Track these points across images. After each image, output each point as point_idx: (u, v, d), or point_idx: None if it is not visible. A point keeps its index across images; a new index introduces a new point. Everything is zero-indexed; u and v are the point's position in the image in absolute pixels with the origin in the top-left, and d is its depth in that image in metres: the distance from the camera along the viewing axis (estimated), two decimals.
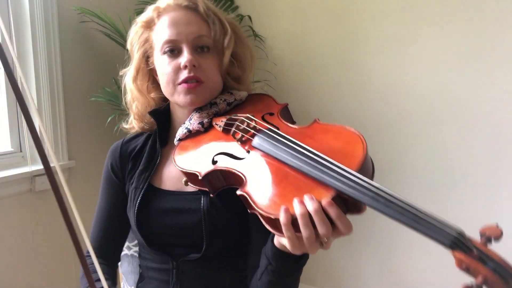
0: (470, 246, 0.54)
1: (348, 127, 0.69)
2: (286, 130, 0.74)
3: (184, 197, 0.88)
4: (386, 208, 0.55)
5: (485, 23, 1.90)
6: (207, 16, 0.86)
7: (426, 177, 2.11)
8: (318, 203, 0.58)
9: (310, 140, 0.68)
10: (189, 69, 0.83)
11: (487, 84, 1.94)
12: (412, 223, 0.54)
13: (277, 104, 0.85)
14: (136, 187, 0.92)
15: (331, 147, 0.66)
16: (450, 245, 0.54)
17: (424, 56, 2.04)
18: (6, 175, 1.61)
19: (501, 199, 1.96)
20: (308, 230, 0.58)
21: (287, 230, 0.59)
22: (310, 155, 0.64)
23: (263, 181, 0.66)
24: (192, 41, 0.85)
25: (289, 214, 0.59)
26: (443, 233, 0.55)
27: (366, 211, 0.60)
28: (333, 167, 0.60)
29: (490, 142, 1.96)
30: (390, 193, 0.56)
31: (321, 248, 0.63)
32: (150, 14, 0.89)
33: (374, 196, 0.56)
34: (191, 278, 0.89)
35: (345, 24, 2.20)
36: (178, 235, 0.88)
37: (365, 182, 0.57)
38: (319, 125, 0.73)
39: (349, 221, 0.59)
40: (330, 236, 0.59)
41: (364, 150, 0.63)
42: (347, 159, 0.62)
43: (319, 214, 0.57)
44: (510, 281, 0.50)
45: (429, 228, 0.55)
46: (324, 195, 0.59)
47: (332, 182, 0.59)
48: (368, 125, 2.21)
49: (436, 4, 1.99)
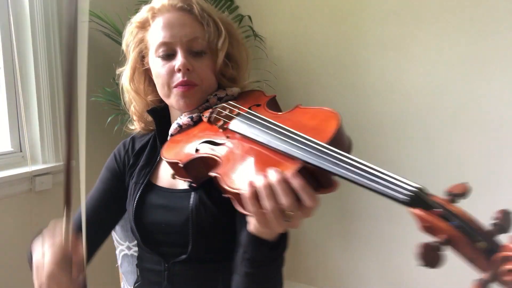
0: (431, 203, 0.51)
1: (327, 108, 0.70)
2: (267, 115, 0.75)
3: (174, 194, 0.89)
4: (345, 172, 0.55)
5: (485, 23, 1.90)
6: (201, 18, 0.87)
7: (426, 177, 2.11)
8: (281, 174, 0.58)
9: (287, 122, 0.70)
10: (183, 72, 0.83)
11: (487, 84, 1.94)
12: (369, 183, 0.54)
13: (266, 97, 0.86)
14: (136, 182, 0.94)
15: (306, 125, 0.67)
16: (409, 202, 0.52)
17: (424, 56, 2.04)
18: (6, 175, 1.61)
19: (501, 199, 1.96)
20: (271, 202, 0.58)
21: (252, 204, 0.59)
22: (280, 131, 0.65)
23: (236, 161, 0.67)
24: (186, 43, 0.85)
25: (253, 186, 0.59)
26: (401, 189, 0.53)
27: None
28: (301, 139, 0.61)
29: (490, 142, 1.96)
30: (350, 156, 0.57)
31: (289, 226, 0.61)
32: (144, 15, 0.89)
33: (334, 162, 0.56)
34: (183, 281, 0.89)
35: (345, 24, 2.20)
36: (167, 232, 0.88)
37: (327, 149, 0.58)
38: (300, 109, 0.74)
39: (314, 193, 0.58)
40: (294, 209, 0.58)
41: (337, 125, 0.63)
42: (319, 134, 0.62)
43: (281, 184, 0.57)
44: (476, 238, 0.47)
45: (386, 186, 0.54)
46: (290, 167, 0.59)
47: (297, 153, 0.60)
48: (368, 124, 2.21)
49: (436, 4, 1.99)
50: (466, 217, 0.49)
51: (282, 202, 0.58)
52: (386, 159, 2.19)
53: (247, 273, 0.71)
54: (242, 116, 0.73)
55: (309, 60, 2.31)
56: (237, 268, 0.74)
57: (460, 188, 0.53)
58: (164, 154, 0.79)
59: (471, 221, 0.49)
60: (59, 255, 0.70)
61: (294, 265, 2.47)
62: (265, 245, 0.69)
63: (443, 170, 2.07)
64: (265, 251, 0.69)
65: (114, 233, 1.24)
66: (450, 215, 0.49)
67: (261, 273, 0.72)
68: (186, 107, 0.87)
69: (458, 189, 0.53)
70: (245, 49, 0.95)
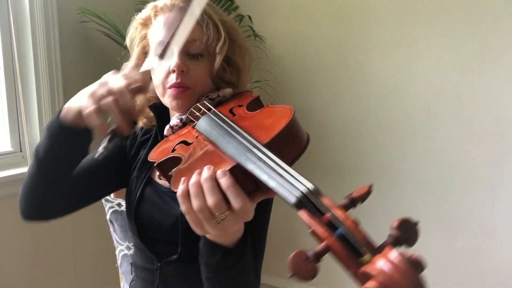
0: (319, 206, 0.47)
1: (288, 106, 0.66)
2: (239, 116, 0.75)
3: (168, 194, 0.90)
4: (253, 166, 0.54)
5: (485, 23, 1.90)
6: (201, 20, 0.86)
7: (426, 177, 2.11)
8: (211, 172, 0.56)
9: (248, 121, 0.69)
10: (177, 74, 0.83)
11: (487, 84, 1.94)
12: (268, 179, 0.52)
13: (251, 97, 0.85)
14: (137, 176, 0.94)
15: (260, 124, 0.66)
16: (295, 203, 0.49)
17: (424, 56, 2.04)
18: (6, 175, 1.61)
19: (501, 199, 1.96)
20: (198, 200, 0.56)
21: (182, 202, 0.58)
22: (228, 129, 0.64)
23: (189, 160, 0.66)
24: (184, 45, 0.85)
25: (186, 185, 0.57)
26: (292, 188, 0.50)
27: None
28: (240, 138, 0.60)
29: (490, 142, 1.96)
30: (264, 151, 0.56)
31: (220, 229, 0.58)
32: (148, 12, 0.90)
33: (248, 158, 0.55)
34: (175, 281, 0.89)
35: (345, 24, 2.20)
36: (159, 230, 0.89)
37: (256, 148, 0.57)
38: (267, 108, 0.73)
39: (241, 194, 0.55)
40: (222, 209, 0.55)
41: (285, 123, 0.60)
42: (265, 133, 0.61)
43: (207, 182, 0.55)
44: (359, 252, 0.43)
45: (280, 183, 0.51)
46: (224, 166, 0.58)
47: (232, 151, 0.59)
48: (368, 124, 2.21)
49: (436, 4, 1.99)
50: (353, 226, 0.45)
51: (208, 201, 0.55)
52: (386, 158, 2.19)
53: (206, 277, 0.70)
54: (206, 115, 0.73)
55: (309, 60, 2.31)
56: (201, 271, 0.74)
57: (360, 191, 0.48)
58: (150, 154, 0.79)
59: (356, 231, 0.44)
60: (135, 81, 0.69)
61: None
62: (218, 250, 0.66)
63: (443, 170, 2.07)
64: (218, 256, 0.66)
65: (113, 233, 1.24)
66: (335, 222, 0.45)
67: (221, 277, 0.69)
68: (178, 108, 0.87)
69: (358, 192, 0.48)
70: (249, 55, 0.94)
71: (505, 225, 1.96)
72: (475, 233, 2.03)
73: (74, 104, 0.73)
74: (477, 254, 2.03)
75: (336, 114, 2.28)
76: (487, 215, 1.99)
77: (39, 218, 0.91)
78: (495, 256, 1.99)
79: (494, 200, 1.97)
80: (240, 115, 0.75)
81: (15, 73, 1.70)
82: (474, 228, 2.03)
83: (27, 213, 0.89)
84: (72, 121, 0.74)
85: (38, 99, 1.75)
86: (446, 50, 1.99)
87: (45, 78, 1.75)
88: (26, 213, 0.89)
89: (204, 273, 0.71)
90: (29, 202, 0.87)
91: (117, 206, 1.23)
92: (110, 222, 1.23)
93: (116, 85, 0.66)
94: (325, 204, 0.47)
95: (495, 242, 1.99)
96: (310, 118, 2.30)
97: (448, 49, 1.99)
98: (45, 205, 0.87)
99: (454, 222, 2.07)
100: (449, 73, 2.00)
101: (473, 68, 1.95)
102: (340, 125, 2.28)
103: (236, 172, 0.56)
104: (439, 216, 2.10)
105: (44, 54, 1.74)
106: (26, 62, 1.73)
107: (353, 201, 0.48)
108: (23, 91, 1.72)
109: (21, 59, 1.71)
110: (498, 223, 1.97)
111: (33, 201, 0.86)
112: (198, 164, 0.62)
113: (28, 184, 0.84)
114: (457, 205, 2.05)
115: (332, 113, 2.29)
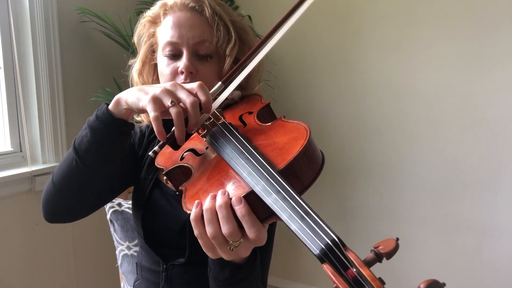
0: (344, 262, 0.44)
1: (303, 124, 0.64)
2: (250, 128, 0.72)
3: (175, 198, 0.88)
4: (274, 204, 0.51)
5: (485, 23, 1.90)
6: (212, 21, 0.85)
7: (426, 177, 2.11)
8: (226, 199, 0.54)
9: (261, 136, 0.66)
10: (185, 75, 0.82)
11: (486, 84, 1.94)
12: (292, 223, 0.49)
13: (260, 104, 0.84)
14: (145, 178, 0.92)
15: (275, 143, 0.63)
16: (319, 256, 0.45)
17: (424, 56, 2.04)
18: (6, 175, 1.61)
19: (501, 199, 1.96)
20: (212, 227, 0.54)
21: (195, 227, 0.56)
22: (242, 150, 0.61)
23: (202, 177, 0.64)
24: (193, 46, 0.84)
25: (199, 209, 0.56)
26: (315, 237, 0.46)
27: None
28: (255, 163, 0.57)
29: (490, 142, 1.96)
30: (288, 189, 0.52)
31: (232, 255, 0.57)
32: (157, 10, 0.89)
33: (270, 192, 0.52)
34: (180, 283, 0.89)
35: (345, 24, 2.20)
36: (166, 234, 0.88)
37: (273, 179, 0.53)
38: (280, 122, 0.70)
39: (257, 224, 0.53)
40: (236, 237, 0.54)
41: (301, 146, 0.57)
42: (280, 155, 0.58)
43: (222, 210, 0.53)
44: None
45: (303, 230, 0.48)
46: (239, 192, 0.55)
47: (247, 178, 0.56)
48: (367, 124, 2.21)
49: (436, 5, 1.99)
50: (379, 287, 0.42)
51: (222, 229, 0.54)
52: (385, 158, 2.19)
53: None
54: (217, 128, 0.70)
55: (309, 60, 2.31)
56: (209, 282, 0.74)
57: (387, 246, 0.45)
58: (157, 159, 0.77)
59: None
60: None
61: (294, 265, 2.47)
62: (227, 267, 0.66)
63: (442, 170, 2.07)
64: (226, 273, 0.66)
65: (114, 233, 1.24)
66: (362, 282, 0.42)
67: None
68: None
69: (385, 247, 0.45)
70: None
71: (505, 225, 1.96)
72: (475, 233, 2.03)
73: (128, 99, 0.68)
74: (477, 254, 2.03)
75: (336, 114, 2.28)
76: (487, 215, 1.99)
77: (67, 219, 0.86)
78: (495, 256, 1.99)
79: (494, 200, 1.97)
80: (251, 126, 0.73)
81: (15, 73, 1.70)
82: (474, 228, 2.03)
83: (56, 215, 0.84)
84: (123, 115, 0.71)
85: (38, 99, 1.74)
86: (446, 51, 1.99)
87: (45, 78, 1.75)
88: (55, 215, 0.84)
89: (212, 286, 0.71)
90: (61, 203, 0.81)
91: (117, 206, 1.23)
92: (110, 222, 1.23)
93: (189, 99, 0.62)
94: (351, 260, 0.44)
95: (495, 242, 1.99)
96: (310, 118, 2.30)
97: (448, 49, 1.99)
98: (77, 205, 0.82)
99: (454, 222, 2.07)
100: (449, 73, 2.00)
101: (473, 68, 1.95)
102: (339, 125, 2.28)
103: (251, 198, 0.54)
104: (439, 216, 2.10)
105: (44, 54, 1.74)
106: (26, 62, 1.73)
107: (379, 257, 0.45)
108: (23, 91, 1.72)
109: (21, 59, 1.71)
110: (498, 223, 1.97)
111: (65, 202, 0.81)
112: (211, 185, 0.61)
113: (61, 184, 0.78)
114: (457, 205, 2.05)
115: (332, 113, 2.29)
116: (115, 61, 1.95)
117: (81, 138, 0.74)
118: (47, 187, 0.82)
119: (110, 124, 0.71)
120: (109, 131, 0.72)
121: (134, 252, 1.21)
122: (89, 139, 0.73)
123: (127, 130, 0.74)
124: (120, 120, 0.71)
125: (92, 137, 0.72)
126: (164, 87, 0.64)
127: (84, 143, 0.73)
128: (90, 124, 0.73)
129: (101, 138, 0.72)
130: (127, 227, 1.21)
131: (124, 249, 1.21)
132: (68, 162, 0.76)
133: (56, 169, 0.81)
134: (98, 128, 0.72)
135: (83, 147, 0.73)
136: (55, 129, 1.81)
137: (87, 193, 0.80)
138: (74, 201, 0.81)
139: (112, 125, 0.71)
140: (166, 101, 0.62)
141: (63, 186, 0.78)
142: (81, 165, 0.74)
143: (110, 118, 0.71)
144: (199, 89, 0.64)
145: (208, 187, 0.60)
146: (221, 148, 0.64)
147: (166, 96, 0.63)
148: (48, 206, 0.83)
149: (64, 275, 1.88)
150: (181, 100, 0.63)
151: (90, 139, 0.73)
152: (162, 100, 0.63)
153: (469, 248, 2.05)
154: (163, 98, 0.63)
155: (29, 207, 1.71)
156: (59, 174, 0.78)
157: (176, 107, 0.62)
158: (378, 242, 0.46)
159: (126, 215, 1.21)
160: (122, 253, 1.22)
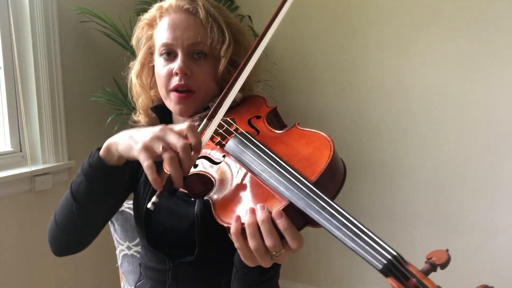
0: (406, 273, 0.47)
1: (322, 133, 0.65)
2: (265, 135, 0.72)
3: (181, 198, 0.88)
4: (326, 223, 0.53)
5: (485, 23, 1.91)
6: (206, 22, 0.86)
7: (426, 176, 2.11)
8: (267, 213, 0.56)
9: (282, 146, 0.67)
10: (180, 76, 0.83)
11: (486, 84, 1.94)
12: (348, 241, 0.51)
13: (267, 107, 0.84)
14: (145, 181, 0.92)
15: (299, 153, 0.64)
16: (382, 270, 0.48)
17: (424, 56, 2.04)
18: (6, 175, 1.61)
19: (501, 199, 1.96)
20: (255, 241, 0.56)
21: (236, 240, 0.58)
22: (271, 163, 0.62)
23: (228, 188, 0.65)
24: (188, 47, 0.85)
25: (239, 223, 0.58)
26: (378, 255, 0.49)
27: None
28: (289, 176, 0.58)
29: (490, 142, 1.96)
30: (335, 206, 0.54)
31: (275, 262, 0.60)
32: (153, 13, 0.90)
33: (318, 210, 0.54)
34: (187, 280, 0.89)
35: (345, 24, 2.20)
36: (173, 235, 0.88)
37: (314, 193, 0.55)
38: (296, 130, 0.71)
39: (298, 235, 0.56)
40: (278, 249, 0.56)
41: (329, 158, 0.59)
42: (309, 167, 0.60)
43: (265, 224, 0.56)
44: None
45: (365, 249, 0.50)
46: (277, 205, 0.57)
47: (284, 192, 0.57)
48: (367, 124, 2.22)
49: (436, 4, 1.99)
50: None
51: (265, 242, 0.56)
52: (385, 158, 2.19)
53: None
54: (236, 137, 0.71)
55: (309, 60, 2.31)
56: (232, 283, 0.75)
57: (440, 257, 0.49)
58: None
59: None
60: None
61: (294, 265, 2.47)
62: (255, 269, 0.67)
63: (443, 169, 2.07)
64: (255, 274, 0.69)
65: (114, 233, 1.24)
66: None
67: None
68: (181, 113, 0.87)
69: (439, 258, 0.49)
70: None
71: (505, 225, 1.96)
72: (475, 233, 2.03)
73: (119, 148, 0.70)
74: (477, 253, 2.03)
75: (336, 114, 2.28)
76: (487, 215, 1.99)
77: (75, 252, 0.89)
78: (495, 255, 2.00)
79: (494, 200, 1.97)
80: (265, 133, 0.73)
81: (15, 73, 1.70)
82: (474, 228, 2.03)
83: (64, 251, 0.87)
84: (116, 162, 0.73)
85: (38, 99, 1.74)
86: (446, 51, 1.99)
87: (45, 78, 1.75)
88: (63, 251, 0.87)
89: (237, 285, 0.73)
90: (66, 241, 0.85)
91: None
92: (111, 222, 1.23)
93: (179, 143, 0.63)
94: (411, 272, 0.48)
95: (495, 242, 1.99)
96: (310, 118, 2.30)
97: (448, 49, 1.99)
98: (83, 239, 0.86)
99: (454, 222, 2.07)
100: (449, 73, 2.00)
101: (473, 68, 1.95)
102: (339, 125, 2.28)
103: (289, 211, 0.56)
104: (439, 216, 2.10)
105: (44, 54, 1.74)
106: (26, 62, 1.73)
107: (434, 267, 0.48)
108: (23, 91, 1.72)
109: (21, 59, 1.71)
110: (498, 223, 1.97)
111: (71, 240, 0.85)
112: (243, 198, 0.62)
113: (64, 225, 0.82)
114: (457, 205, 2.05)
115: (332, 113, 2.29)
116: (115, 61, 1.95)
117: (78, 186, 0.77)
118: (51, 225, 0.85)
119: (103, 172, 0.74)
120: (104, 178, 0.74)
121: (134, 252, 1.21)
122: (85, 187, 0.76)
123: (122, 173, 0.76)
124: (112, 168, 0.73)
125: (88, 184, 0.75)
126: (154, 133, 0.65)
127: (82, 190, 0.76)
128: (85, 172, 0.76)
129: (96, 185, 0.75)
130: (127, 227, 1.21)
131: (124, 249, 1.21)
132: (68, 207, 0.79)
133: (57, 209, 0.83)
134: (93, 177, 0.75)
135: (81, 193, 0.76)
136: (55, 129, 1.81)
137: (91, 229, 0.85)
138: (79, 238, 0.85)
139: (106, 173, 0.74)
140: (157, 148, 0.63)
141: (66, 227, 0.82)
142: (81, 210, 0.77)
143: (102, 166, 0.73)
144: (189, 131, 0.65)
145: (240, 199, 0.62)
146: (246, 160, 0.65)
147: (156, 142, 0.64)
148: (55, 244, 0.86)
149: (64, 275, 1.88)
150: (171, 144, 0.64)
151: (86, 186, 0.75)
152: (153, 148, 0.64)
153: (468, 248, 2.05)
154: (154, 145, 0.64)
155: (29, 207, 1.71)
156: (61, 216, 0.82)
157: (168, 152, 0.62)
158: (429, 253, 0.49)
159: (126, 215, 1.21)
160: (122, 253, 1.22)
